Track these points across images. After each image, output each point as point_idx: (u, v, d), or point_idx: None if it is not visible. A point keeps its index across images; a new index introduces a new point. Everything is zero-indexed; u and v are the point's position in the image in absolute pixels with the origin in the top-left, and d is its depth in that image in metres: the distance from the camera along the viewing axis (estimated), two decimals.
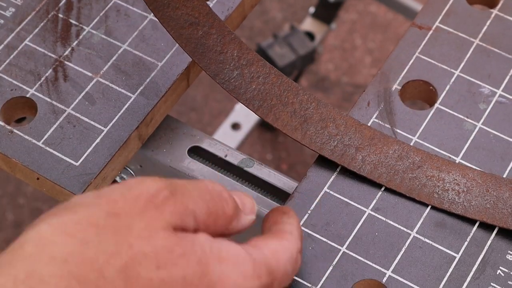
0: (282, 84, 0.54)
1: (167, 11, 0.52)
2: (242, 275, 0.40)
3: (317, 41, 1.43)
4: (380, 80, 0.56)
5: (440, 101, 0.55)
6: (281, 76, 0.54)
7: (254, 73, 0.53)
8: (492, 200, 0.50)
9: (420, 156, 0.52)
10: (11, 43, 0.57)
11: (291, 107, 0.53)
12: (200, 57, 0.53)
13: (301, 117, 0.53)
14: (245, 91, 0.53)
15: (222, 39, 0.53)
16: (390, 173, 0.51)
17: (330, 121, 0.53)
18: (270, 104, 0.53)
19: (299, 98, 0.53)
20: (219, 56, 0.53)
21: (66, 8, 0.59)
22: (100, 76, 0.56)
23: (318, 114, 0.53)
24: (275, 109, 0.53)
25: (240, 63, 0.53)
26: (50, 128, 0.53)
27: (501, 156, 0.53)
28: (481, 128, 0.54)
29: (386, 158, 0.52)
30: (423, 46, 0.57)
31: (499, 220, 0.49)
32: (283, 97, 0.53)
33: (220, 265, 0.39)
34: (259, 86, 0.53)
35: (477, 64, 0.56)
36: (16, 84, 0.55)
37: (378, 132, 0.53)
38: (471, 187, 0.51)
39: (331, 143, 0.52)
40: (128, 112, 0.54)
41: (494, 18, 0.58)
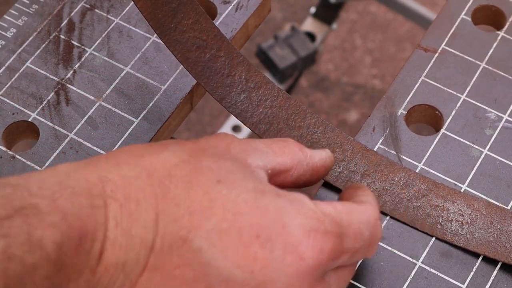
0: (290, 107, 0.53)
1: (173, 35, 0.51)
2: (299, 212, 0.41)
3: (318, 42, 1.43)
4: (385, 105, 0.55)
5: (446, 127, 0.54)
6: (289, 99, 0.53)
7: (262, 96, 0.53)
8: (496, 233, 0.50)
9: (426, 184, 0.51)
10: (13, 65, 0.57)
11: (297, 131, 0.53)
12: (206, 80, 0.52)
13: (308, 141, 0.52)
14: (251, 115, 0.52)
15: (230, 61, 0.52)
16: (394, 201, 0.51)
17: (336, 146, 0.52)
18: (277, 128, 0.52)
19: (306, 122, 0.53)
20: (226, 79, 0.52)
21: (68, 29, 0.58)
22: (103, 100, 0.55)
23: (325, 139, 0.53)
24: (282, 133, 0.52)
25: (248, 86, 0.52)
26: (53, 153, 0.53)
27: (507, 184, 0.52)
28: (487, 154, 0.53)
29: (391, 186, 0.51)
30: (429, 69, 0.57)
31: (500, 254, 0.49)
32: (290, 121, 0.53)
33: (277, 198, 0.41)
34: (266, 110, 0.53)
35: (483, 88, 0.56)
36: (18, 107, 0.55)
37: (384, 158, 0.52)
38: (475, 218, 0.50)
39: (336, 169, 0.52)
40: (131, 137, 0.54)
41: (501, 40, 0.58)
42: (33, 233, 0.36)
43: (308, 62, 1.39)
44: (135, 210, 0.39)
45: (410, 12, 1.42)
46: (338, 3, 1.43)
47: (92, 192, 0.38)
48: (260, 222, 0.40)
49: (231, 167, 0.42)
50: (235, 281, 0.39)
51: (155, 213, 0.39)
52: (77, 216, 0.37)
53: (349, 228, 0.42)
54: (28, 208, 0.36)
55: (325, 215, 0.41)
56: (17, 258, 0.35)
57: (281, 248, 0.40)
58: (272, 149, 0.45)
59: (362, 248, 0.43)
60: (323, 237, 0.41)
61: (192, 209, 0.40)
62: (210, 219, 0.40)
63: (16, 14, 0.59)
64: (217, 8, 0.59)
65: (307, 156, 0.46)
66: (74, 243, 0.37)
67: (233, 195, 0.40)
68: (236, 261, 0.39)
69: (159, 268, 0.39)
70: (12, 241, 0.35)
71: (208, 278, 0.39)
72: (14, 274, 0.35)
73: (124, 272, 0.39)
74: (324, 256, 0.40)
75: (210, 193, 0.40)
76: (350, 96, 1.54)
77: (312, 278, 0.41)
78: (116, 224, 0.38)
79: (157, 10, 0.49)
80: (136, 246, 0.39)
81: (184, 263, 0.39)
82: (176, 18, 0.50)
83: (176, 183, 0.40)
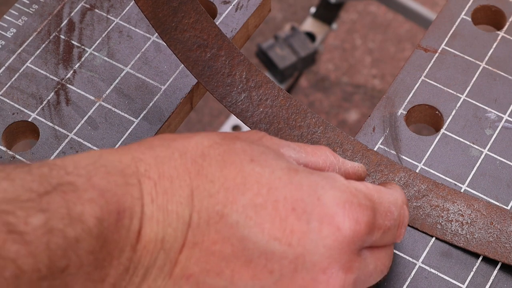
0: (291, 106, 0.53)
1: (174, 34, 0.51)
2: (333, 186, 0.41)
3: (318, 42, 1.43)
4: (385, 105, 0.55)
5: (446, 127, 0.54)
6: (290, 98, 0.53)
7: (262, 96, 0.53)
8: (496, 233, 0.50)
9: (426, 185, 0.51)
10: (13, 65, 0.57)
11: (298, 131, 0.53)
12: (207, 80, 0.52)
13: (308, 141, 0.52)
14: (252, 114, 0.52)
15: (230, 61, 0.52)
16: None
17: (337, 146, 0.52)
18: (277, 127, 0.52)
19: (307, 122, 0.53)
20: (227, 78, 0.52)
21: (68, 29, 0.58)
22: (103, 100, 0.55)
23: (325, 138, 0.53)
24: (282, 133, 0.52)
25: (249, 85, 0.52)
26: (53, 153, 0.53)
27: (507, 184, 0.52)
28: (487, 154, 0.53)
29: None
30: (429, 70, 0.57)
31: (500, 255, 0.49)
32: (290, 120, 0.53)
33: (311, 175, 0.42)
34: (267, 109, 0.53)
35: (483, 88, 0.56)
36: (18, 107, 0.55)
37: (385, 158, 0.52)
38: (475, 218, 0.50)
39: None
40: (131, 137, 0.54)
41: (501, 40, 0.58)
42: (73, 208, 0.36)
43: (308, 62, 1.39)
44: (169, 187, 0.39)
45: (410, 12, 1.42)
46: (338, 3, 1.43)
47: (125, 171, 0.39)
48: (295, 196, 0.40)
49: (264, 150, 0.42)
50: (274, 254, 0.39)
51: (190, 189, 0.40)
52: (113, 193, 0.38)
53: (380, 205, 0.43)
54: (65, 185, 0.37)
55: (358, 190, 0.42)
56: (59, 231, 0.35)
57: (317, 220, 0.40)
58: (305, 149, 0.45)
59: (392, 227, 0.43)
60: (358, 209, 0.41)
61: (226, 185, 0.40)
62: (245, 194, 0.40)
63: (16, 14, 0.59)
64: (217, 8, 0.59)
65: (339, 161, 0.47)
66: (113, 218, 0.37)
67: (266, 172, 0.41)
68: (273, 234, 0.39)
69: (198, 244, 0.39)
70: (52, 215, 0.35)
71: (247, 252, 0.39)
72: (57, 247, 0.35)
73: (164, 249, 0.39)
74: (360, 227, 0.41)
75: (243, 171, 0.41)
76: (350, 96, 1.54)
77: (349, 250, 0.41)
78: (151, 200, 0.39)
79: (157, 9, 0.49)
80: (173, 221, 0.39)
81: (222, 238, 0.39)
82: (176, 17, 0.50)
83: (210, 162, 0.41)
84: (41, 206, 0.35)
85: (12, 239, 0.34)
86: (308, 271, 0.40)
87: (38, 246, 0.34)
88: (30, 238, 0.34)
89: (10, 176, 0.36)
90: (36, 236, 0.34)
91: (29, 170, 0.37)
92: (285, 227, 0.40)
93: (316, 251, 0.40)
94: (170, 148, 0.41)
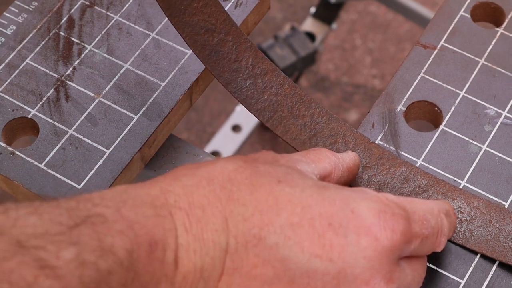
0: (295, 95, 0.53)
1: (183, 17, 0.51)
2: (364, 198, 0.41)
3: (317, 42, 1.43)
4: (384, 101, 0.55)
5: (445, 123, 0.54)
6: (295, 87, 0.53)
7: (268, 83, 0.53)
8: (494, 232, 0.49)
9: (427, 180, 0.51)
10: (12, 61, 0.57)
11: (301, 120, 0.52)
12: (213, 64, 0.52)
13: (311, 131, 0.52)
14: (256, 101, 0.52)
15: (237, 47, 0.52)
16: (394, 195, 0.51)
17: (339, 137, 0.52)
18: (281, 116, 0.52)
19: (310, 111, 0.53)
20: (233, 64, 0.52)
21: (68, 26, 0.58)
22: (102, 96, 0.55)
23: (328, 129, 0.53)
24: (285, 121, 0.52)
25: (254, 72, 0.52)
26: (52, 150, 0.53)
27: (506, 179, 0.52)
28: (486, 150, 0.53)
29: (392, 180, 0.51)
30: (428, 66, 0.57)
31: (498, 253, 0.49)
32: (294, 109, 0.53)
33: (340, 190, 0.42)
34: (271, 97, 0.52)
35: (482, 84, 0.56)
36: (18, 104, 0.55)
37: (387, 152, 0.52)
38: (474, 216, 0.50)
39: None
40: (131, 133, 0.54)
41: (500, 37, 0.58)
42: (104, 240, 0.36)
43: (308, 62, 1.39)
44: (202, 216, 0.39)
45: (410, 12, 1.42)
46: (338, 3, 1.43)
47: (155, 203, 0.39)
48: (329, 211, 0.40)
49: (286, 170, 0.43)
50: (316, 271, 0.39)
51: (223, 215, 0.40)
52: (142, 224, 0.37)
53: (414, 214, 0.43)
54: (94, 216, 0.36)
55: (389, 199, 0.42)
56: (91, 264, 0.35)
57: (355, 232, 0.40)
58: (309, 158, 0.46)
59: (430, 236, 0.43)
60: (392, 218, 0.41)
61: (260, 208, 0.40)
62: (280, 214, 0.40)
63: (16, 11, 0.59)
64: None
65: (339, 158, 0.47)
66: (144, 250, 0.37)
67: (297, 192, 0.41)
68: (313, 251, 0.39)
69: (237, 269, 0.39)
70: (84, 248, 0.35)
71: (289, 273, 0.39)
72: (90, 280, 0.34)
73: (203, 278, 0.39)
74: (397, 236, 0.41)
75: (274, 192, 0.41)
76: (350, 96, 1.54)
77: (388, 260, 0.41)
78: (185, 230, 0.39)
79: None
80: (210, 249, 0.39)
81: (262, 261, 0.39)
82: (186, 0, 0.50)
83: (238, 186, 0.41)
84: (71, 239, 0.35)
85: (45, 275, 0.33)
86: (350, 284, 0.40)
87: (71, 280, 0.34)
88: (62, 273, 0.34)
89: (37, 211, 0.36)
90: (69, 270, 0.34)
91: (56, 204, 0.36)
92: (324, 243, 0.40)
93: (357, 263, 0.40)
94: (196, 176, 0.41)
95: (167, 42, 0.58)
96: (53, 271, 0.33)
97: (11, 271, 0.32)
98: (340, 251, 0.40)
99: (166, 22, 0.58)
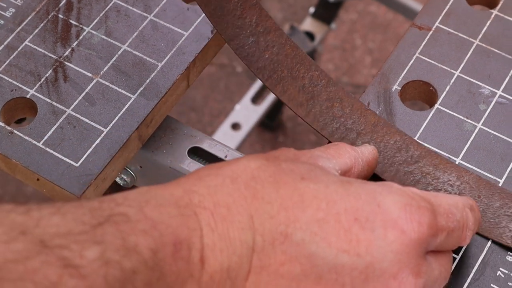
0: (296, 56, 0.53)
1: None
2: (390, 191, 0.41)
3: (317, 41, 1.43)
4: (380, 81, 0.56)
5: (440, 102, 0.55)
6: (297, 48, 0.53)
7: (270, 42, 0.53)
8: (482, 207, 0.50)
9: (420, 151, 0.51)
10: (11, 43, 0.57)
11: (300, 82, 0.53)
12: (218, 20, 0.52)
13: (309, 93, 0.52)
14: (257, 60, 0.52)
15: (243, 3, 0.52)
16: (386, 163, 0.51)
17: (337, 101, 0.52)
18: (281, 76, 0.52)
19: (310, 74, 0.53)
20: (237, 20, 0.52)
21: (66, 9, 0.59)
22: (100, 77, 0.56)
23: (326, 92, 0.53)
24: (284, 82, 0.52)
25: (257, 30, 0.53)
26: (50, 129, 0.53)
27: (501, 157, 0.53)
28: (481, 128, 0.54)
29: (386, 148, 0.52)
30: (423, 47, 0.57)
31: (485, 229, 0.49)
32: (294, 70, 0.53)
33: (365, 184, 0.42)
34: (272, 56, 0.53)
35: (477, 64, 0.56)
36: (16, 84, 0.55)
37: (382, 119, 0.52)
38: (463, 190, 0.50)
39: (333, 124, 0.52)
40: (128, 113, 0.54)
41: (494, 18, 0.58)
42: (127, 239, 0.35)
43: None
44: (227, 214, 0.39)
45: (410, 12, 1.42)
46: (336, 2, 1.44)
47: (179, 203, 0.39)
48: (355, 206, 0.40)
49: (309, 167, 0.43)
50: (343, 266, 0.39)
51: (249, 213, 0.39)
52: (167, 224, 0.37)
53: (439, 207, 0.42)
54: (117, 215, 0.36)
55: (414, 193, 0.42)
56: (115, 263, 0.34)
57: (381, 226, 0.40)
58: (329, 153, 0.46)
59: (456, 229, 0.43)
60: (418, 211, 0.41)
61: (285, 205, 0.40)
62: (305, 211, 0.40)
63: None
64: None
65: (359, 153, 0.47)
66: (169, 250, 0.37)
67: (321, 188, 0.41)
68: (341, 246, 0.39)
69: (265, 267, 0.39)
70: (107, 247, 0.35)
71: (317, 269, 0.39)
72: (114, 279, 0.34)
73: (230, 278, 0.39)
74: (423, 228, 0.41)
75: (298, 189, 0.40)
76: None
77: (416, 253, 0.41)
78: (211, 229, 0.38)
79: None
80: (237, 248, 0.39)
81: (290, 258, 0.39)
82: None
83: (263, 184, 0.41)
84: (95, 238, 0.35)
85: (69, 274, 0.33)
86: (378, 278, 0.40)
87: (95, 279, 0.33)
88: (86, 272, 0.33)
89: (60, 211, 0.36)
90: (93, 269, 0.34)
91: (79, 205, 0.36)
92: (350, 238, 0.40)
93: (385, 257, 0.40)
94: (220, 176, 0.41)
95: (164, 24, 0.58)
96: (77, 270, 0.33)
97: (35, 271, 0.32)
98: (367, 246, 0.40)
99: (164, 5, 0.59)
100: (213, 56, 0.58)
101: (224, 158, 0.57)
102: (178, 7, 0.59)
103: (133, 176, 0.59)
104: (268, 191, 0.40)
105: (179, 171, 0.56)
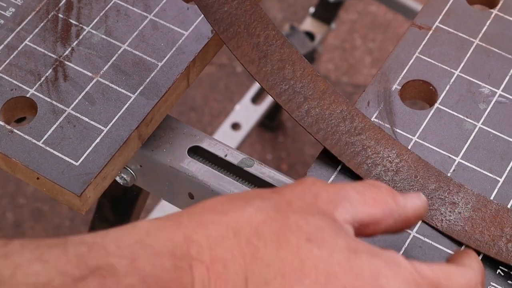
0: (255, 13, 0.53)
1: None
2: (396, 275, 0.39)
3: (317, 41, 1.43)
4: (380, 80, 0.56)
5: (440, 101, 0.55)
6: (257, 6, 0.53)
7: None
8: (417, 187, 0.49)
9: (364, 123, 0.51)
10: (11, 43, 0.57)
11: (255, 39, 0.53)
12: None
13: (262, 52, 0.52)
14: (215, 11, 0.52)
15: None
16: (329, 131, 0.51)
17: (289, 63, 0.52)
18: (236, 30, 0.52)
19: (266, 32, 0.53)
20: None
21: (66, 8, 0.59)
22: (100, 76, 0.56)
23: (279, 53, 0.53)
24: (239, 37, 0.52)
25: None
26: (50, 128, 0.54)
27: (500, 156, 0.53)
28: (481, 128, 0.54)
29: (331, 116, 0.52)
30: (423, 46, 0.57)
31: None
32: (251, 27, 0.53)
33: (372, 258, 0.39)
34: (231, 10, 0.52)
35: (477, 64, 0.56)
36: (16, 84, 0.55)
37: (331, 87, 0.52)
38: (401, 168, 0.50)
39: (282, 85, 0.52)
40: (128, 112, 0.54)
41: (494, 18, 0.59)
42: None
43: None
44: (223, 272, 0.38)
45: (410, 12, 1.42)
46: (336, 2, 1.44)
47: (175, 253, 0.37)
48: (355, 285, 0.38)
49: (320, 223, 0.40)
50: None
51: (244, 275, 0.38)
52: (158, 278, 0.36)
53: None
54: (104, 268, 0.35)
55: (423, 277, 0.40)
56: None
57: None
58: (364, 198, 0.43)
59: None
60: None
61: (283, 271, 0.38)
62: (302, 281, 0.38)
63: None
64: None
65: (400, 206, 0.44)
66: None
67: (325, 255, 0.39)
68: None
69: None
70: None
71: None
72: None
73: None
74: None
75: (300, 253, 0.39)
76: (350, 96, 1.55)
77: None
78: (203, 286, 0.37)
79: None
80: None
81: None
82: None
83: (265, 242, 0.39)
84: None
85: None
86: None
87: None
88: None
89: (43, 257, 0.34)
90: None
91: (65, 249, 0.35)
92: None
93: None
94: (223, 226, 0.39)
95: (164, 23, 0.58)
96: None
97: None
98: None
99: (164, 4, 0.59)
100: (213, 55, 0.59)
101: (224, 157, 0.57)
102: (178, 6, 0.59)
103: (133, 175, 0.59)
104: (268, 251, 0.39)
105: (179, 170, 0.56)
